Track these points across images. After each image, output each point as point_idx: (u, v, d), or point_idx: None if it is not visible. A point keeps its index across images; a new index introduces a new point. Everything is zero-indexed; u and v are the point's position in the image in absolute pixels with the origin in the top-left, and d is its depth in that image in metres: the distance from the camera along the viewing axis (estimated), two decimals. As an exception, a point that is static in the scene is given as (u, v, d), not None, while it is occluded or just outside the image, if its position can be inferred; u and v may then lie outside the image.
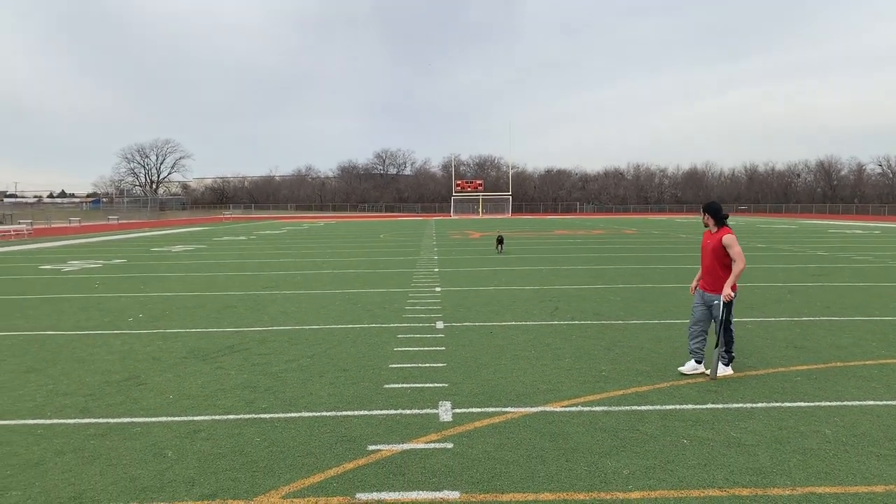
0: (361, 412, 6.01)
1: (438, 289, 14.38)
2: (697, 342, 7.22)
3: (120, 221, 66.87)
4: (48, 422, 5.89)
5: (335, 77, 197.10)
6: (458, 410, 6.00)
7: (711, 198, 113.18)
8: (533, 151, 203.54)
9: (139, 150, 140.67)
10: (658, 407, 6.12)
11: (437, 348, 8.51)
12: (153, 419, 5.91)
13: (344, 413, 5.99)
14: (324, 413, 6.00)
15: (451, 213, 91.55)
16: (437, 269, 18.44)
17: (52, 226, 56.68)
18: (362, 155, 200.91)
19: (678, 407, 6.13)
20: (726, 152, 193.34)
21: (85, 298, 13.59)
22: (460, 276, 16.72)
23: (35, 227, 49.66)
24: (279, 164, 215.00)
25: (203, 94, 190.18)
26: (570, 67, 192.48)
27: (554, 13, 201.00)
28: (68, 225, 58.33)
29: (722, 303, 6.89)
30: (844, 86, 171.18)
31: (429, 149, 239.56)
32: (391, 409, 6.08)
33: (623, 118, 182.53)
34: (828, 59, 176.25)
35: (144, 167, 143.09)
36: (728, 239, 6.96)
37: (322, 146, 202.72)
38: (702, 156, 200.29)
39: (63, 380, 7.24)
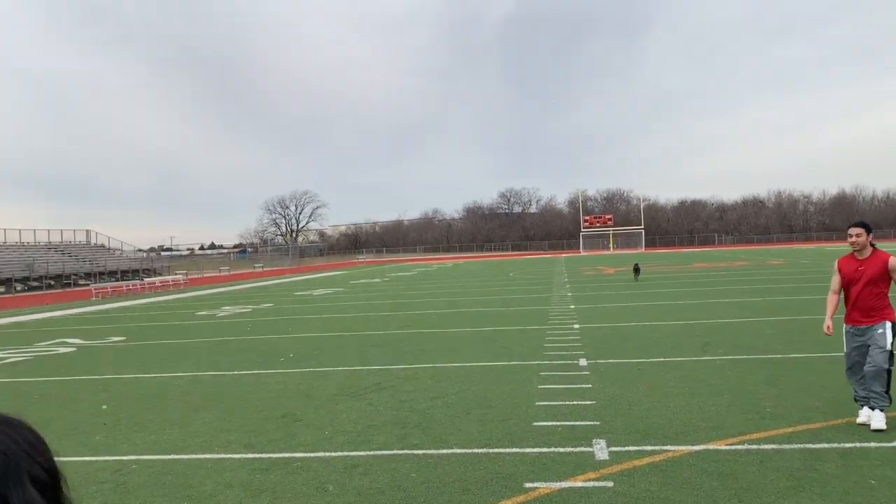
0: (513, 449, 5.90)
1: (577, 326, 14.08)
2: (865, 388, 6.14)
3: (264, 269, 70.91)
4: (216, 456, 6.19)
5: (458, 120, 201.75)
6: (614, 448, 5.76)
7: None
8: (664, 183, 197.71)
9: (280, 202, 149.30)
10: (836, 445, 5.60)
11: (584, 386, 8.27)
12: (312, 454, 6.08)
13: (496, 450, 5.90)
14: (475, 450, 5.94)
15: (581, 250, 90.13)
16: (572, 306, 18.10)
17: (204, 275, 60.95)
18: (487, 195, 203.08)
19: (860, 445, 5.58)
20: (876, 174, 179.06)
21: (240, 341, 14.40)
22: (598, 313, 16.31)
23: (189, 276, 53.60)
24: (407, 208, 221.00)
25: (335, 145, 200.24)
26: (697, 95, 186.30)
27: (677, 42, 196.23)
28: (218, 274, 62.56)
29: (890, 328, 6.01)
30: None
31: (554, 186, 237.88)
32: (543, 446, 5.93)
33: (758, 144, 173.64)
34: None
35: (285, 217, 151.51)
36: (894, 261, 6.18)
37: (447, 188, 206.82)
38: (850, 179, 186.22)
39: (227, 417, 7.63)
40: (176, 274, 54.73)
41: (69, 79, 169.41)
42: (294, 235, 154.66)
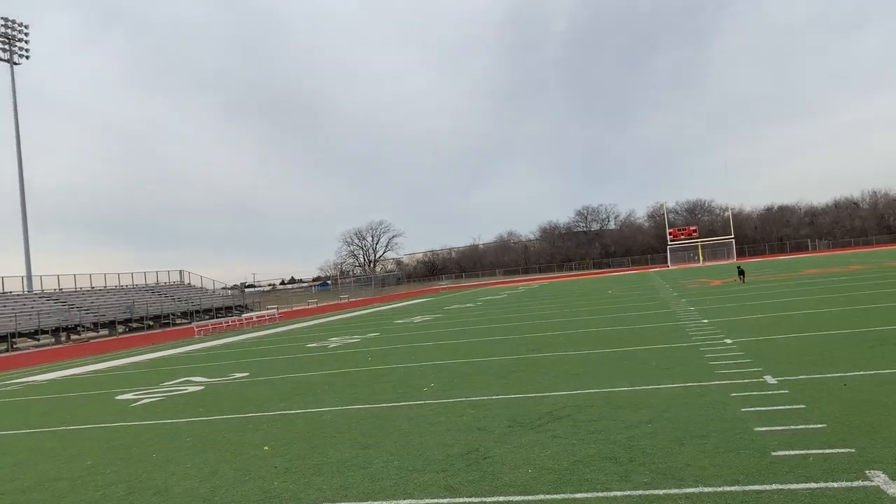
0: (772, 486, 4.99)
1: (728, 340, 12.97)
2: None
3: (350, 299, 71.41)
4: (420, 502, 5.52)
5: (526, 142, 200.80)
6: (905, 482, 4.78)
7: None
8: (746, 191, 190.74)
9: (357, 234, 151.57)
10: None
11: (795, 406, 7.28)
12: (527, 497, 5.34)
13: (752, 487, 5.01)
14: (725, 488, 5.07)
15: (669, 264, 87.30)
16: (705, 320, 16.90)
17: (293, 308, 61.72)
18: (562, 214, 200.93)
19: None
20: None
21: (367, 372, 13.90)
22: (742, 325, 15.11)
23: (281, 311, 54.29)
24: (481, 232, 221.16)
25: (405, 175, 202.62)
26: (768, 100, 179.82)
27: (745, 46, 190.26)
28: (307, 307, 63.25)
29: None
30: None
31: (631, 201, 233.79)
32: (805, 481, 5.01)
33: (845, 144, 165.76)
34: None
35: (362, 248, 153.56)
36: None
37: (521, 210, 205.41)
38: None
39: (404, 455, 7.00)
40: (268, 308, 55.58)
41: (148, 126, 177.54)
42: (372, 265, 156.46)
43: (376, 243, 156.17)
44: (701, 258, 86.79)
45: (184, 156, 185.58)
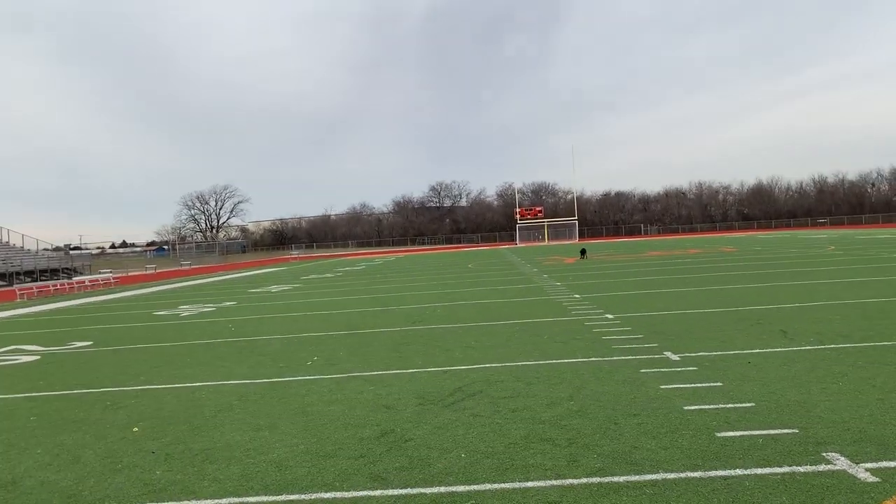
0: (737, 471, 4.68)
1: (610, 315, 13.04)
2: None
3: (192, 266, 67.34)
4: (349, 495, 4.72)
5: (380, 115, 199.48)
6: (868, 465, 4.62)
7: (781, 213, 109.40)
8: (587, 176, 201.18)
9: (199, 197, 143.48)
10: None
11: (713, 384, 7.17)
12: (472, 487, 4.70)
13: (716, 473, 4.68)
14: (689, 474, 4.69)
15: (517, 242, 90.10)
16: (576, 295, 17.09)
17: (130, 274, 57.13)
18: (415, 189, 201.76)
19: None
20: (790, 166, 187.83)
21: (234, 343, 12.68)
22: (620, 301, 15.36)
23: (115, 275, 50.02)
24: (333, 203, 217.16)
25: (254, 139, 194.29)
26: (611, 91, 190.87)
27: (589, 39, 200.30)
28: (145, 272, 58.84)
29: None
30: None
31: (481, 179, 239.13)
32: (766, 465, 4.76)
33: (675, 138, 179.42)
34: (880, 65, 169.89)
35: (204, 213, 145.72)
36: None
37: (374, 183, 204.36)
38: (766, 170, 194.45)
39: (309, 438, 6.12)
40: (101, 272, 51.03)
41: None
42: (215, 231, 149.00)
43: (220, 208, 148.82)
44: (546, 237, 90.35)
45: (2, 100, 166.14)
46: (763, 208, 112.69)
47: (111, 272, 51.32)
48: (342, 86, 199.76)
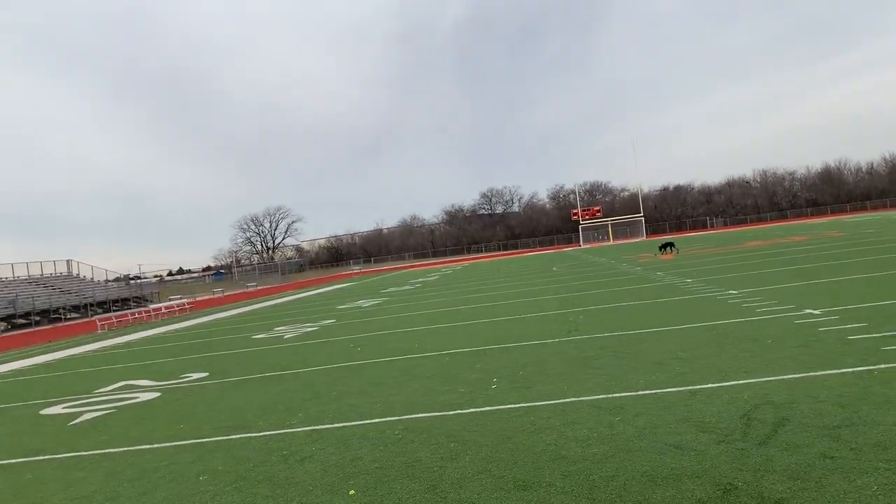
0: None
1: (815, 311, 11.00)
2: None
3: (258, 288, 66.87)
4: None
5: (423, 126, 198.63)
6: None
7: (853, 196, 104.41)
8: (641, 172, 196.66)
9: (253, 220, 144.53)
10: None
11: None
12: None
13: None
14: None
15: (581, 243, 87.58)
16: (733, 291, 15.03)
17: (198, 299, 56.67)
18: (466, 197, 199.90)
19: None
20: (856, 146, 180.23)
21: (376, 366, 11.09)
22: (797, 293, 13.31)
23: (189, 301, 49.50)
24: (384, 217, 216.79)
25: (301, 161, 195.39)
26: (660, 85, 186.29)
27: (632, 32, 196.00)
28: (213, 296, 58.42)
29: None
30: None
31: (531, 183, 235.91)
32: None
33: (728, 127, 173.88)
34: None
35: (260, 235, 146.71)
36: None
37: (423, 195, 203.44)
38: (831, 153, 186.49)
39: (552, 489, 4.33)
40: (170, 299, 50.59)
41: (13, 111, 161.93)
42: (271, 252, 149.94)
43: (275, 229, 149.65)
44: (611, 237, 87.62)
45: (52, 141, 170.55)
46: (833, 192, 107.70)
47: (181, 297, 50.82)
48: (382, 101, 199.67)
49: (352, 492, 5.22)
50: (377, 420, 7.40)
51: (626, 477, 4.79)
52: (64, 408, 10.75)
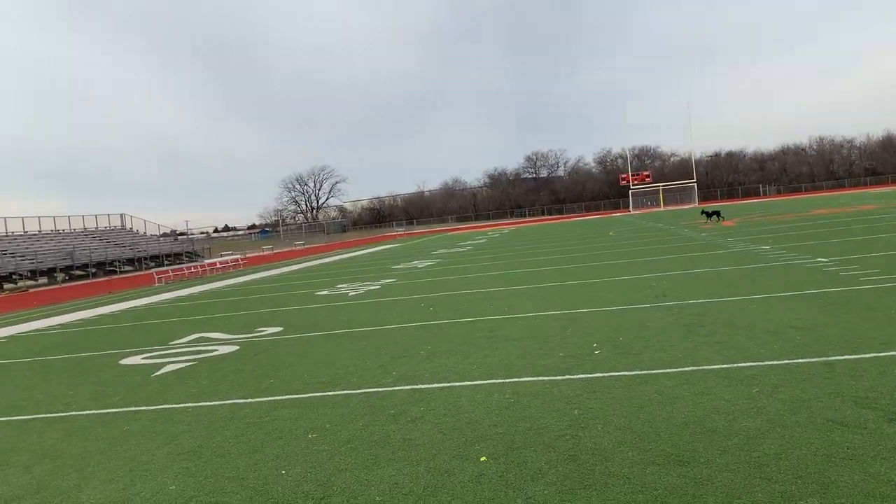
0: None
1: (929, 280, 10.23)
2: None
3: (306, 246, 67.31)
4: None
5: (467, 89, 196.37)
6: None
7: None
8: (690, 136, 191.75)
9: (298, 179, 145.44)
10: None
11: None
12: None
13: None
14: None
15: (630, 209, 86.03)
16: (823, 259, 14.23)
17: (248, 256, 57.23)
18: (509, 161, 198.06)
19: None
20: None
21: (456, 326, 10.72)
22: (889, 262, 12.50)
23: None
24: (426, 179, 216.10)
25: (344, 122, 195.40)
26: (711, 49, 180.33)
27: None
28: (263, 254, 58.93)
29: None
30: None
31: (577, 148, 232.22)
32: None
33: (782, 93, 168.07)
34: None
35: (304, 194, 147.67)
36: None
37: (465, 157, 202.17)
38: (892, 121, 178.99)
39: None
40: (222, 255, 51.12)
41: (66, 66, 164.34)
42: (315, 212, 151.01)
43: (319, 189, 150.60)
44: (662, 203, 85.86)
45: (107, 98, 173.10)
46: (894, 162, 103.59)
47: (233, 253, 51.34)
48: (426, 62, 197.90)
49: (483, 458, 4.86)
50: (480, 382, 7.04)
51: (796, 456, 4.32)
52: (143, 358, 10.67)
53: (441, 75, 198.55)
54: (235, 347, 10.90)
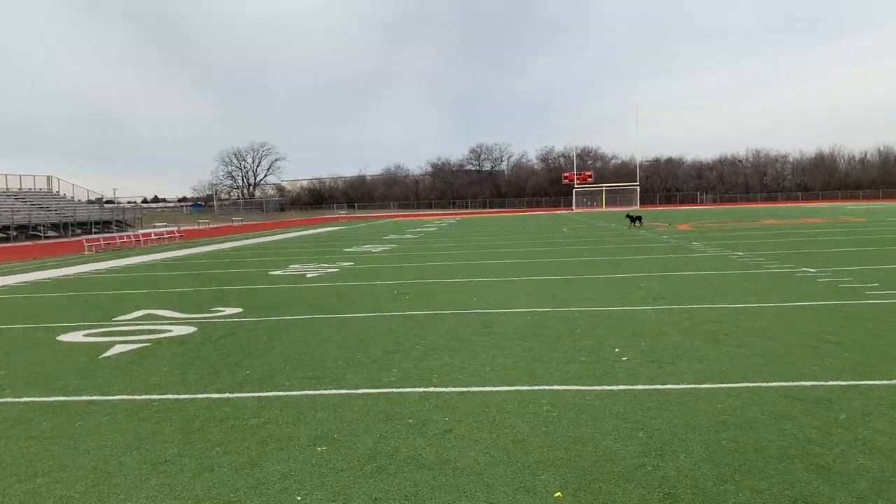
0: None
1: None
2: None
3: (244, 223, 64.88)
4: None
5: (414, 77, 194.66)
6: None
7: (845, 184, 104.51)
8: (631, 142, 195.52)
9: (236, 154, 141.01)
10: None
11: None
12: None
13: None
14: None
15: (574, 207, 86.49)
16: (810, 269, 13.85)
17: (182, 229, 54.54)
18: (454, 152, 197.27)
19: None
20: (852, 136, 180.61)
21: (444, 317, 9.76)
22: (880, 275, 12.14)
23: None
24: (368, 163, 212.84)
25: (286, 99, 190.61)
26: (652, 57, 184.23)
27: (625, 6, 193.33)
28: (199, 228, 56.39)
29: None
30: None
31: (520, 144, 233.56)
32: None
33: (719, 106, 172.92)
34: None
35: (242, 170, 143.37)
36: None
37: (408, 145, 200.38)
38: (823, 140, 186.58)
39: None
40: (155, 227, 48.49)
41: None
42: (251, 189, 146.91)
43: (257, 166, 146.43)
44: (604, 203, 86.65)
45: (31, 58, 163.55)
46: (824, 179, 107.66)
47: (167, 225, 48.78)
48: (373, 45, 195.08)
49: (557, 493, 3.88)
50: (503, 388, 6.09)
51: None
52: (85, 335, 9.28)
53: (388, 60, 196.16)
54: (192, 328, 9.61)
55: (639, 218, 34.42)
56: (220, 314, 10.81)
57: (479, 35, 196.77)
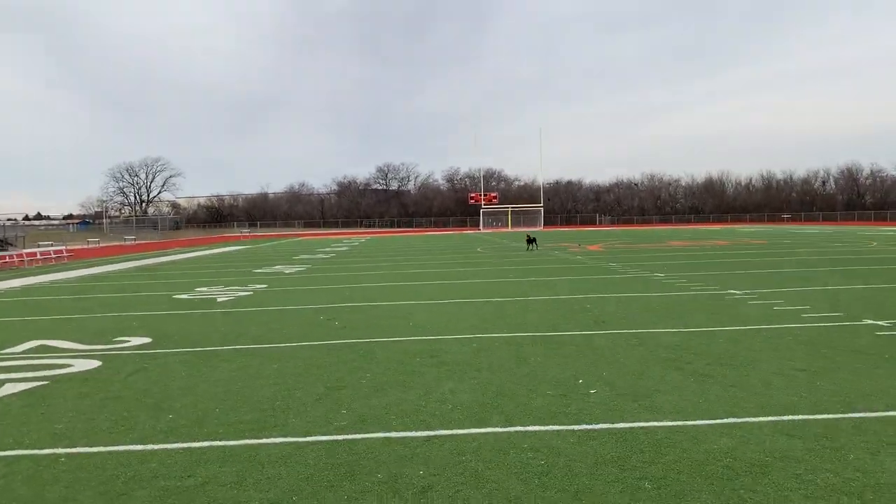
0: None
1: (877, 320, 9.96)
2: None
3: (137, 242, 61.36)
4: None
5: (315, 96, 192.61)
6: None
7: (732, 207, 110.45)
8: (530, 165, 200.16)
9: (128, 170, 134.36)
10: None
11: None
12: None
13: None
14: None
15: (481, 227, 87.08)
16: (735, 291, 14.00)
17: (70, 248, 50.87)
18: (360, 171, 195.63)
19: None
20: (740, 162, 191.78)
21: (383, 346, 9.01)
22: (809, 297, 12.34)
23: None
24: (270, 181, 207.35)
25: (183, 116, 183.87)
26: (540, 84, 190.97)
27: (525, 31, 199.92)
28: (89, 247, 52.78)
29: None
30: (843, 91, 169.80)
31: (426, 165, 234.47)
32: None
33: (612, 132, 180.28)
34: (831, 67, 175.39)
35: (134, 186, 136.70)
36: None
37: (312, 164, 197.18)
38: (713, 165, 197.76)
39: None
40: (41, 245, 44.93)
41: None
42: (144, 206, 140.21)
43: (151, 182, 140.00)
44: (510, 224, 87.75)
45: None
46: (714, 202, 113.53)
47: (53, 244, 45.26)
48: (273, 64, 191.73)
49: (584, 570, 3.24)
50: (474, 430, 5.42)
51: None
52: (-35, 375, 7.91)
53: (289, 79, 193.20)
54: (96, 363, 8.44)
55: (534, 240, 34.28)
56: (126, 345, 9.63)
57: (380, 56, 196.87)
